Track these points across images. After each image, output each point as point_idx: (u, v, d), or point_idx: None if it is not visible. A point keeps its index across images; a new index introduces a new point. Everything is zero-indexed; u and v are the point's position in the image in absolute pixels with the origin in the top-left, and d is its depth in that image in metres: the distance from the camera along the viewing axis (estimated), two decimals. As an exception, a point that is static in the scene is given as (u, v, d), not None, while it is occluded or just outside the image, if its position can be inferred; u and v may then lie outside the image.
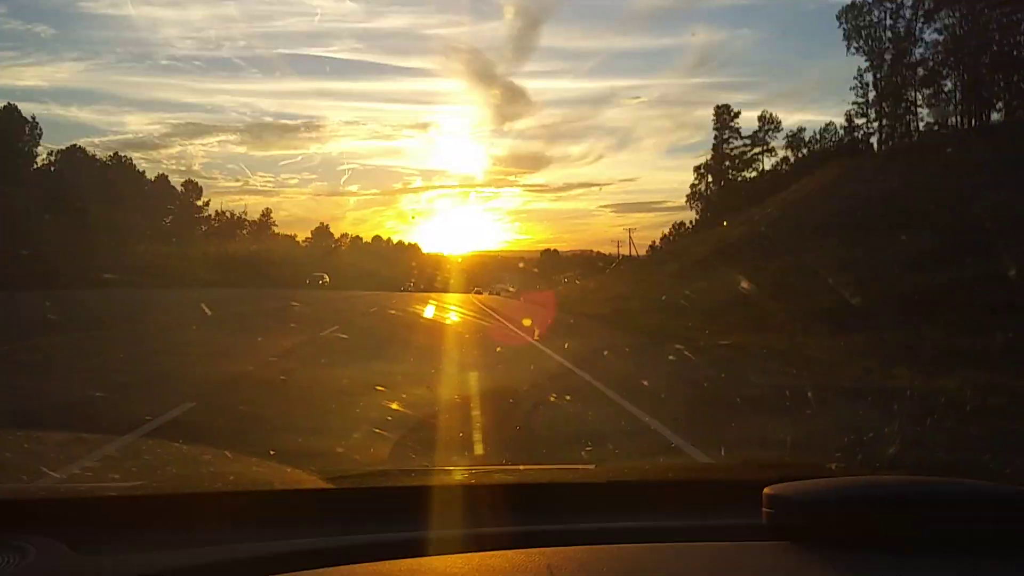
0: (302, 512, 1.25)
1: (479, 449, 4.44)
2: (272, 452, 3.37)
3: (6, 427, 3.79)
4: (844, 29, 48.76)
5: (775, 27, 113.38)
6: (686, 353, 10.45)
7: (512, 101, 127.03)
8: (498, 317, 21.64)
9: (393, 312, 22.53)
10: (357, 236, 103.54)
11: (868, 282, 14.76)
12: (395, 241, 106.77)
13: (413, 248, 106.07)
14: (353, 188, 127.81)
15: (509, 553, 1.03)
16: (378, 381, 6.99)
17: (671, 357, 10.46)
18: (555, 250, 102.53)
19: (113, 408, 5.44)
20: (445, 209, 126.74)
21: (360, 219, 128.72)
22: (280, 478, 1.62)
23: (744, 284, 18.03)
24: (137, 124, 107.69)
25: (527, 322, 18.03)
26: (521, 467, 1.57)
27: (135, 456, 2.13)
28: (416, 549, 1.09)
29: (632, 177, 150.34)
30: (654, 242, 75.18)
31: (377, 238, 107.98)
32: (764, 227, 27.87)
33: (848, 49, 49.26)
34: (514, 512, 1.25)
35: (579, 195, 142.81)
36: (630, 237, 72.12)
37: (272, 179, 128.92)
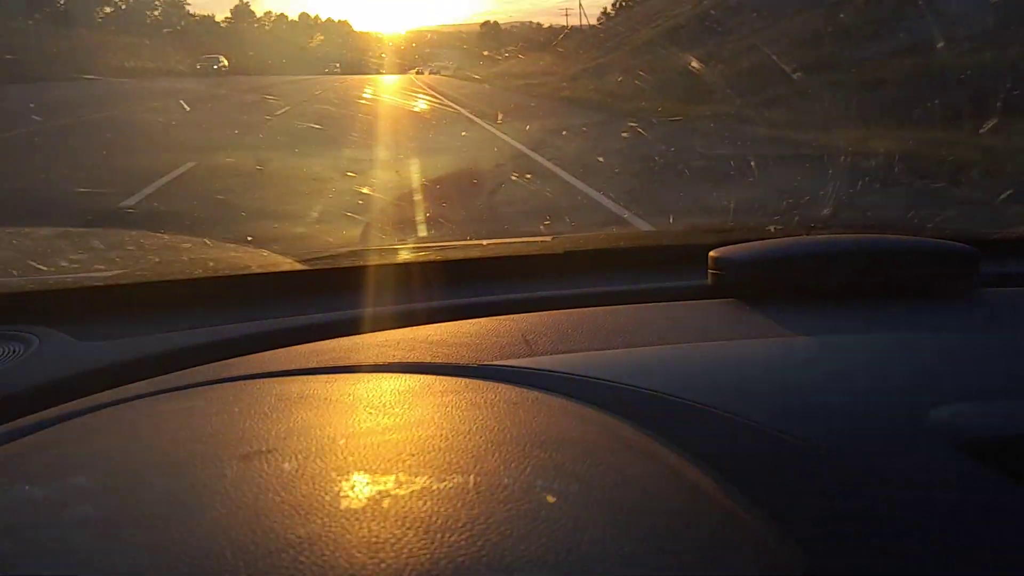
0: (280, 294, 1.30)
1: (446, 227, 4.63)
2: (249, 239, 3.54)
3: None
4: None
5: None
6: (639, 130, 10.60)
7: None
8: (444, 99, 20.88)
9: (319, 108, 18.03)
10: (282, 14, 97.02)
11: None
12: (323, 19, 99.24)
13: (343, 26, 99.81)
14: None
15: (482, 320, 1.07)
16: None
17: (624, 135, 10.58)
18: (495, 23, 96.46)
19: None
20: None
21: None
22: (257, 262, 1.64)
23: (694, 63, 17.76)
24: None
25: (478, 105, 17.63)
26: (484, 242, 1.65)
27: (119, 247, 2.17)
28: (385, 323, 1.12)
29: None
30: (605, 9, 70.23)
31: (304, 15, 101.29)
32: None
33: None
34: (482, 283, 1.31)
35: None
36: (580, 5, 66.33)
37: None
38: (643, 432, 0.69)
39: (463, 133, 12.01)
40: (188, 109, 11.79)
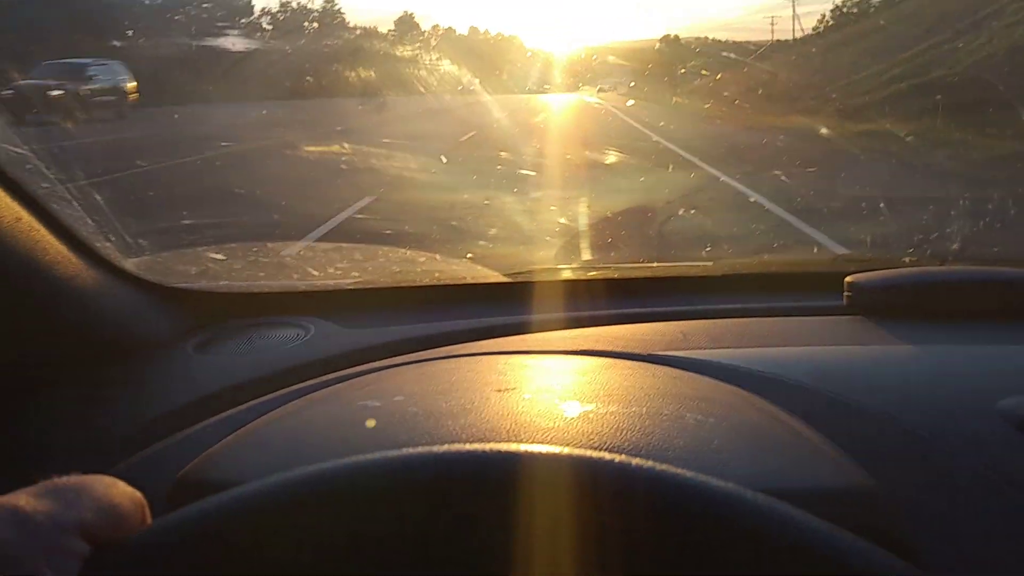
0: (490, 300, 1.55)
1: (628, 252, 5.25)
2: (469, 255, 4.47)
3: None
4: None
5: None
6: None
7: None
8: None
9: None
10: (450, 28, 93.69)
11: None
12: (493, 34, 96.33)
13: (513, 41, 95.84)
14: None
15: (650, 324, 1.30)
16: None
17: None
18: (676, 37, 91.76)
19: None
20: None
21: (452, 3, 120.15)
22: (473, 274, 2.00)
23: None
24: None
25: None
26: (653, 264, 2.00)
27: (372, 259, 2.75)
28: (572, 324, 1.35)
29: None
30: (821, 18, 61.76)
31: (474, 30, 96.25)
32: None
33: None
34: (650, 297, 1.53)
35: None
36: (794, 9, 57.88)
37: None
38: (769, 401, 0.92)
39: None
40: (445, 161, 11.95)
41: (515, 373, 0.98)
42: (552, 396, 0.87)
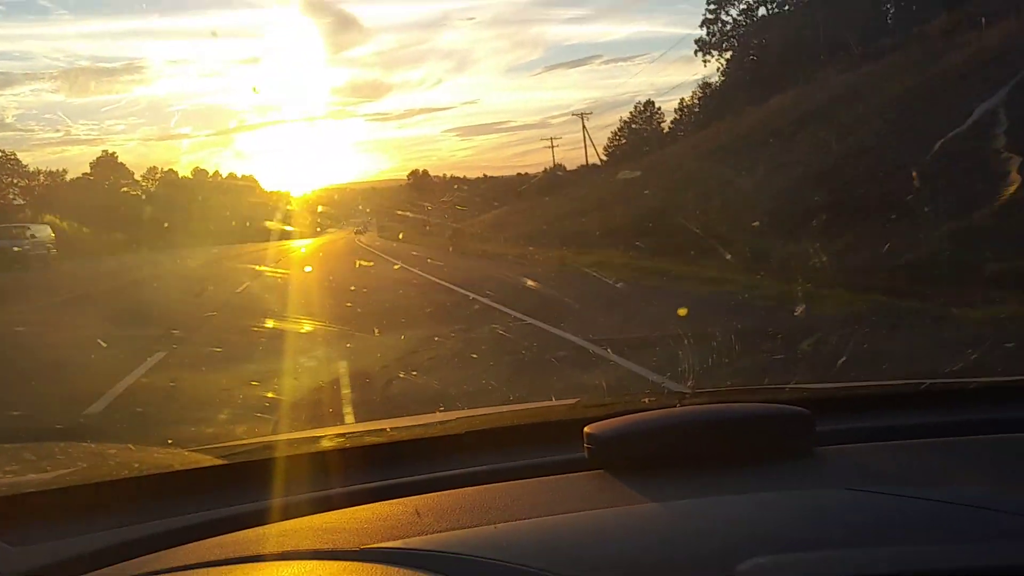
0: (199, 489, 1.40)
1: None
2: (169, 441, 3.74)
3: None
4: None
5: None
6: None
7: (345, 29, 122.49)
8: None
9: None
10: (170, 170, 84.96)
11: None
12: (224, 175, 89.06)
13: (248, 182, 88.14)
14: (185, 130, 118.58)
15: (376, 504, 1.23)
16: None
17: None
18: (424, 171, 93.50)
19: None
20: (285, 144, 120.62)
21: (196, 162, 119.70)
22: (179, 461, 1.77)
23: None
24: None
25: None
26: (386, 425, 1.85)
27: (49, 458, 2.27)
28: (289, 511, 1.26)
29: (474, 99, 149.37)
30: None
31: (200, 171, 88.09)
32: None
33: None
34: (383, 467, 1.45)
35: (421, 121, 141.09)
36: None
37: (96, 127, 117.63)
38: None
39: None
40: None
41: None
42: None
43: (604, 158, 60.68)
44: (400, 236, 44.78)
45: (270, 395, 6.42)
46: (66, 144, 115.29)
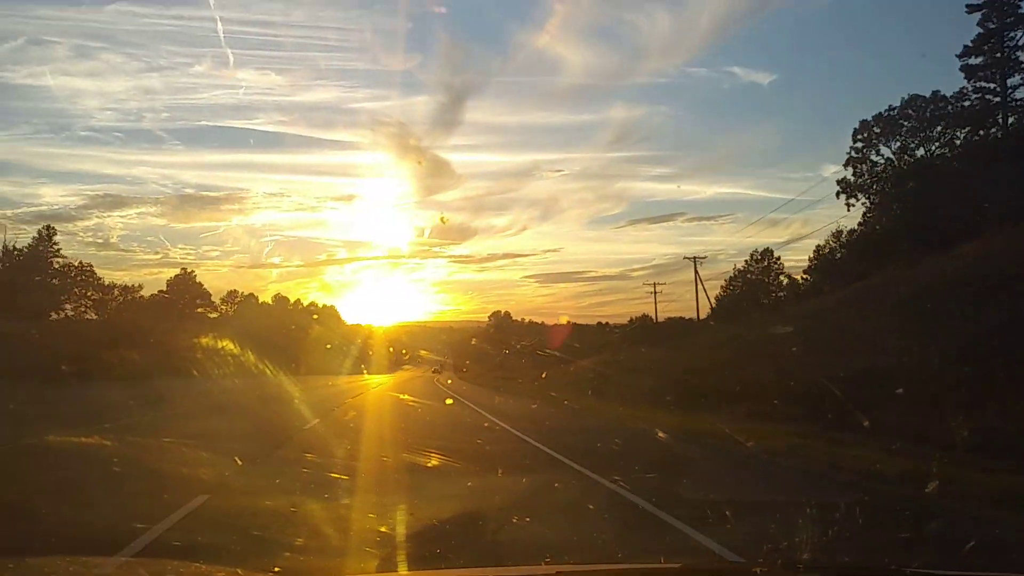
0: None
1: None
2: (277, 569, 3.57)
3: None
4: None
5: (688, 105, 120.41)
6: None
7: (437, 173, 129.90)
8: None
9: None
10: (251, 294, 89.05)
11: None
12: (306, 302, 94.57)
13: (329, 312, 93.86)
14: (276, 260, 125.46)
15: None
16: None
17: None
18: (507, 313, 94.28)
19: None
20: (369, 279, 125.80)
21: (283, 291, 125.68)
22: None
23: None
24: (53, 196, 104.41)
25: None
26: (490, 572, 1.76)
27: (160, 575, 2.16)
28: None
29: (556, 248, 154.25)
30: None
31: (281, 298, 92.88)
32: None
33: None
34: None
35: (503, 266, 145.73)
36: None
37: (193, 251, 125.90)
38: None
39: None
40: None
41: None
42: None
43: (712, 306, 55.70)
44: (480, 379, 44.17)
45: (383, 529, 6.42)
46: (163, 266, 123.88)
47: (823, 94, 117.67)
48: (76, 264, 70.11)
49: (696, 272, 50.07)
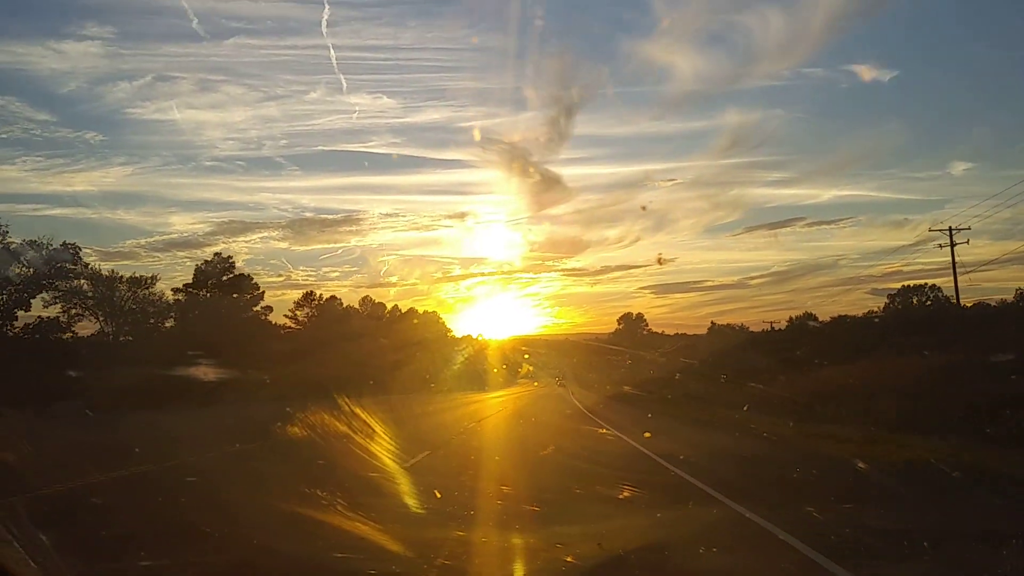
0: None
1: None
2: None
3: None
4: None
5: (805, 107, 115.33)
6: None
7: (548, 188, 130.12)
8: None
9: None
10: (412, 308, 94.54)
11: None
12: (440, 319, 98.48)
13: (442, 327, 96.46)
14: (393, 279, 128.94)
15: None
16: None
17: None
18: (639, 315, 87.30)
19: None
20: (484, 295, 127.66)
21: (402, 308, 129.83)
22: None
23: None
24: (182, 224, 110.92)
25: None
26: None
27: None
28: None
29: (671, 257, 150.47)
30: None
31: (432, 314, 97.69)
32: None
33: None
34: None
35: (617, 278, 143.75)
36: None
37: (313, 273, 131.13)
38: None
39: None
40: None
41: None
42: None
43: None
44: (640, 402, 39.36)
45: (569, 559, 6.55)
46: (286, 288, 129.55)
47: (947, 89, 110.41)
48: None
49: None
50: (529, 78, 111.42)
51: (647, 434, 19.19)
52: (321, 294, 79.69)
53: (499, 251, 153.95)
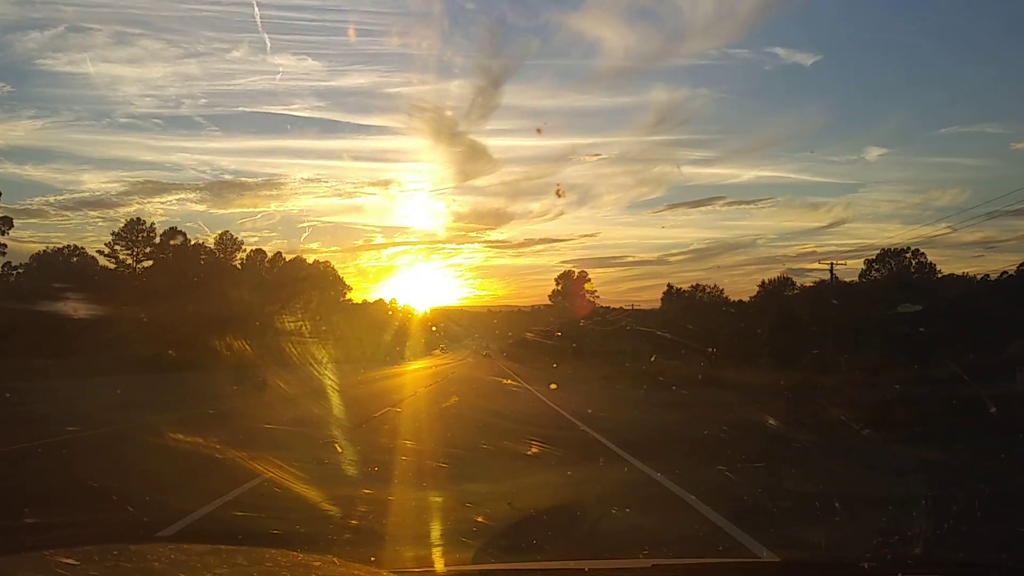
0: None
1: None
2: (372, 559, 4.31)
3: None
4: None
5: (729, 87, 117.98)
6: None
7: (474, 158, 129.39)
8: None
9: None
10: (299, 257, 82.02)
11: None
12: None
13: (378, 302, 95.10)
14: (314, 245, 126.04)
15: None
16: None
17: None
18: (581, 273, 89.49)
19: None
20: (406, 265, 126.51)
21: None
22: None
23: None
24: (94, 183, 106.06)
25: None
26: (585, 566, 1.95)
27: (259, 563, 2.49)
28: None
29: (593, 232, 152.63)
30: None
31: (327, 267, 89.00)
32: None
33: None
34: None
35: (540, 251, 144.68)
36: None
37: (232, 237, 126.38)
38: None
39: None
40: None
41: None
42: None
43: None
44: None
45: (480, 519, 6.55)
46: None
47: (867, 75, 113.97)
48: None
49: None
50: (458, 46, 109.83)
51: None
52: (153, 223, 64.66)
53: (423, 221, 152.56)
